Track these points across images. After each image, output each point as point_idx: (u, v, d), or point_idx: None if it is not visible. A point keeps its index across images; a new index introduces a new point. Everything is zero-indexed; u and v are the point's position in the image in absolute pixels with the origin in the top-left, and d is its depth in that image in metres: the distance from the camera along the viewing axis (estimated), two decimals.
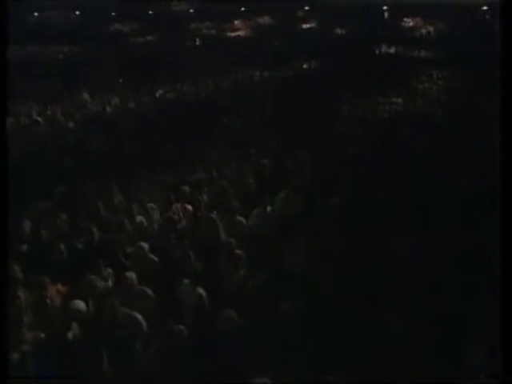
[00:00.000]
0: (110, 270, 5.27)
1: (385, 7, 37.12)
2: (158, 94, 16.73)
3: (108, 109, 14.19)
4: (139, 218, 6.50)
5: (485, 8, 33.68)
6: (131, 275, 4.90)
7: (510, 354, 3.23)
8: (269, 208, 6.63)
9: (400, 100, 16.64)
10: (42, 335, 4.35)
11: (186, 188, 7.16)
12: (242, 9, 38.55)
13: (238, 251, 5.60)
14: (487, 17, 33.64)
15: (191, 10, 40.13)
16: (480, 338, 4.16)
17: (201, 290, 4.84)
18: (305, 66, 27.49)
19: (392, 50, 33.94)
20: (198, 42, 37.96)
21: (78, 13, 40.86)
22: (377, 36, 33.77)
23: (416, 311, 4.54)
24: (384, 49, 33.93)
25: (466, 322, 4.44)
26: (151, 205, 6.88)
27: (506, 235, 3.44)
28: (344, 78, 21.77)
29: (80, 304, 4.53)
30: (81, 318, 4.41)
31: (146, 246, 5.54)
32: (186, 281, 4.99)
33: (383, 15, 37.61)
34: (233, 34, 39.80)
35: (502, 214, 3.50)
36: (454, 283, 4.95)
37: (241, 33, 39.94)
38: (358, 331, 4.44)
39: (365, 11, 35.54)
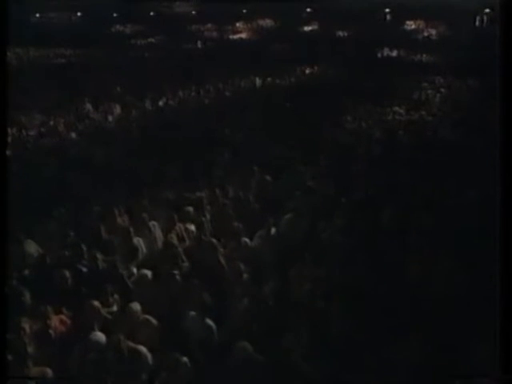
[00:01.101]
0: (116, 296, 5.20)
1: (387, 9, 37.03)
2: (161, 103, 16.63)
3: (110, 118, 14.08)
4: (140, 240, 6.39)
5: (487, 11, 33.61)
6: (136, 306, 4.82)
7: (510, 354, 3.24)
8: (273, 230, 6.53)
9: (402, 108, 16.55)
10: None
11: (190, 208, 7.04)
12: (244, 11, 38.45)
13: (245, 275, 5.53)
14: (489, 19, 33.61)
15: (193, 12, 40.02)
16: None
17: (209, 321, 4.77)
18: (306, 68, 27.44)
19: (394, 53, 33.99)
20: (199, 45, 37.87)
21: (79, 14, 40.82)
22: (378, 38, 33.74)
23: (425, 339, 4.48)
24: (386, 51, 33.97)
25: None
26: (153, 222, 6.78)
27: (507, 246, 3.40)
28: (345, 80, 21.74)
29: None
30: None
31: (148, 272, 5.46)
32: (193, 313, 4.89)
33: (385, 18, 37.55)
34: (235, 36, 39.72)
35: (502, 225, 3.47)
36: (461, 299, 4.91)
37: (242, 35, 39.85)
38: (367, 359, 4.39)
39: (367, 13, 35.50)
